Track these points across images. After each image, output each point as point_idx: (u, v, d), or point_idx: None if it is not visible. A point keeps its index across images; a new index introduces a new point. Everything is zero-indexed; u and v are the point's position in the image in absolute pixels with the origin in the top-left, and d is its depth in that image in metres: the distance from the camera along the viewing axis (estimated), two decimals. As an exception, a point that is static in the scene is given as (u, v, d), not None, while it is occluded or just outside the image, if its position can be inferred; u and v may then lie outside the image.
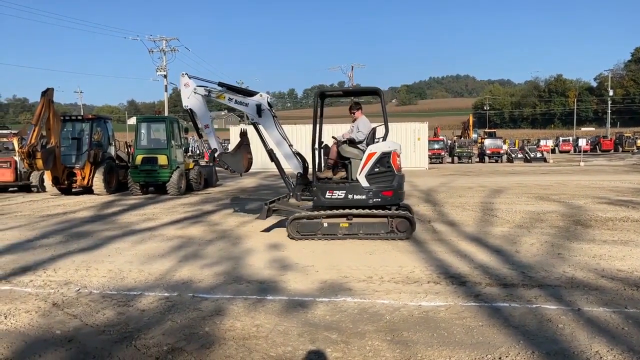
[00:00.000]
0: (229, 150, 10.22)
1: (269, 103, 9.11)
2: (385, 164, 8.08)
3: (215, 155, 9.60)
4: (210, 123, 9.87)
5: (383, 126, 8.22)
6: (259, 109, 8.98)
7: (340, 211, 8.03)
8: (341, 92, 10.03)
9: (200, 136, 9.95)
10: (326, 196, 8.18)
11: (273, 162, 9.24)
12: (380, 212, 8.03)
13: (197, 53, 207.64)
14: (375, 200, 8.08)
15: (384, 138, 8.22)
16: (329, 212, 8.12)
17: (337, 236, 8.01)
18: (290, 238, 8.12)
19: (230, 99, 9.30)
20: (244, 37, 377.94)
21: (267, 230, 9.24)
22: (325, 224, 8.07)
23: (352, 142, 8.53)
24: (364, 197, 8.07)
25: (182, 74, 9.42)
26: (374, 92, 8.85)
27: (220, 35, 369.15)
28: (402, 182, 8.25)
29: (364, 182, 8.09)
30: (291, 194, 9.00)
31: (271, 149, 9.21)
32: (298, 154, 9.02)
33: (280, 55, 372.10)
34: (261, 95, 9.15)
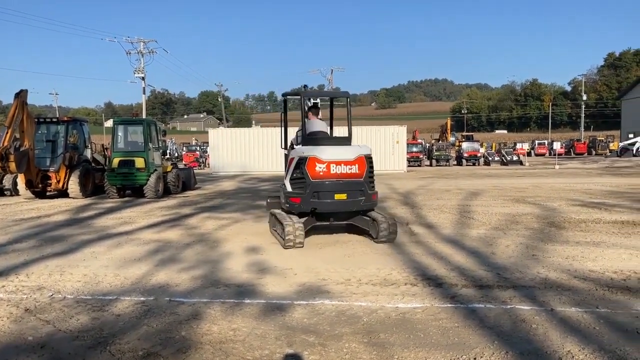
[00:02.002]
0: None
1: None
2: (301, 170, 7.79)
3: None
4: None
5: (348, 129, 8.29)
6: None
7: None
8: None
9: None
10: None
11: None
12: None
13: (176, 55, 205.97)
14: (286, 205, 8.13)
15: (348, 140, 8.23)
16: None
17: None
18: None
19: None
20: (223, 39, 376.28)
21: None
22: None
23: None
24: (284, 201, 8.20)
25: None
26: (342, 95, 8.90)
27: (199, 37, 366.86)
28: (318, 190, 7.68)
29: (288, 187, 8.13)
30: None
31: None
32: None
33: (260, 58, 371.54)
34: None
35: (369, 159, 8.00)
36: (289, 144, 8.74)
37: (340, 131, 10.14)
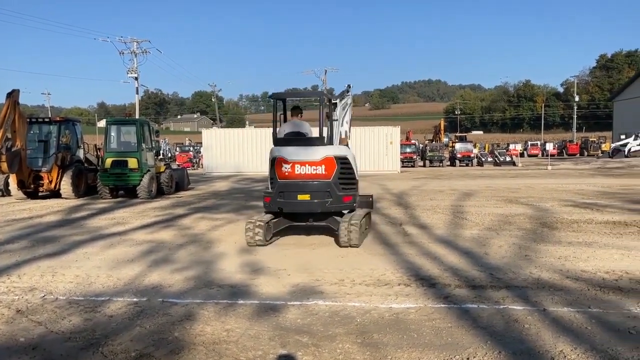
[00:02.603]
0: None
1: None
2: (272, 169, 8.02)
3: None
4: None
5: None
6: None
7: None
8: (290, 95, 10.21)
9: None
10: None
11: None
12: None
13: (169, 55, 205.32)
14: (264, 205, 8.28)
15: (320, 141, 8.08)
16: None
17: None
18: None
19: None
20: (217, 39, 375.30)
21: None
22: None
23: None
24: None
25: None
26: (316, 95, 9.02)
27: (192, 37, 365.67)
28: (284, 190, 7.80)
29: (269, 187, 8.24)
30: None
31: None
32: None
33: (254, 59, 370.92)
34: None
35: (340, 160, 7.82)
36: None
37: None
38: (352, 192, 8.10)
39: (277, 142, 8.15)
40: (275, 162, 7.92)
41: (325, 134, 7.94)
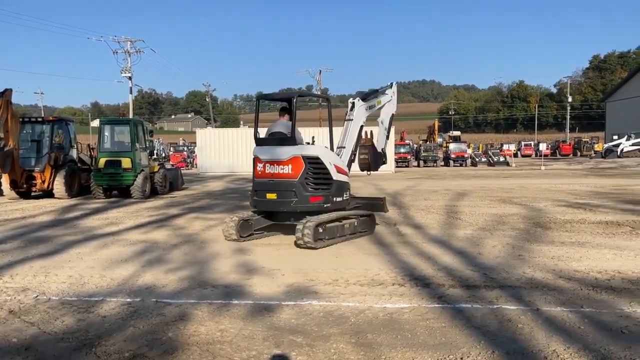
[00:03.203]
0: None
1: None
2: (253, 169, 8.32)
3: None
4: None
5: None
6: None
7: None
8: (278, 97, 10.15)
9: None
10: None
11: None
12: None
13: (163, 55, 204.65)
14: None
15: (291, 141, 8.05)
16: None
17: None
18: None
19: None
20: (211, 39, 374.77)
21: None
22: None
23: None
24: None
25: None
26: (290, 96, 8.74)
27: (186, 37, 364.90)
28: (257, 188, 8.09)
29: None
30: None
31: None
32: None
33: (249, 58, 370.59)
34: None
35: (308, 159, 7.76)
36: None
37: (316, 132, 10.26)
38: (323, 193, 7.92)
39: (256, 141, 8.41)
40: (253, 161, 8.26)
41: (296, 134, 7.98)
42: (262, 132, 8.89)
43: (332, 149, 8.46)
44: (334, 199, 8.09)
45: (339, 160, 8.44)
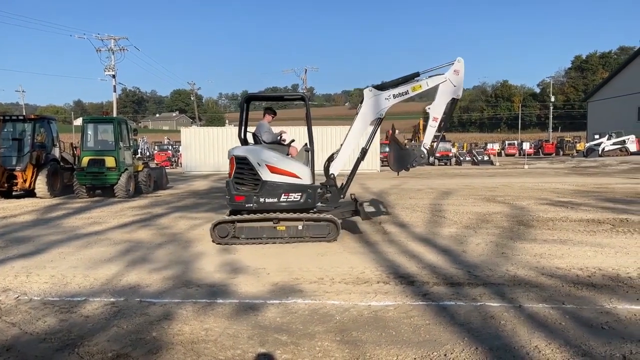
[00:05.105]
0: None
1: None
2: None
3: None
4: None
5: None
6: None
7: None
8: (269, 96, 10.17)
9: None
10: None
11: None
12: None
13: (148, 53, 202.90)
14: None
15: (309, 145, 8.19)
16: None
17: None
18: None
19: None
20: (196, 37, 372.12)
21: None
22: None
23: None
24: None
25: None
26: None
27: (171, 35, 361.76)
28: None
29: None
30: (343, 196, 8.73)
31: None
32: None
33: (234, 57, 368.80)
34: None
35: (239, 159, 7.94)
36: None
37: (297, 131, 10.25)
38: (246, 193, 7.92)
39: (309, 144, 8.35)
40: None
41: (242, 135, 8.57)
42: (250, 131, 8.87)
43: (311, 148, 8.21)
44: (257, 199, 7.91)
45: (281, 161, 8.02)
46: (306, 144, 8.38)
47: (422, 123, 57.42)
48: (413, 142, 51.01)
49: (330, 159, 8.62)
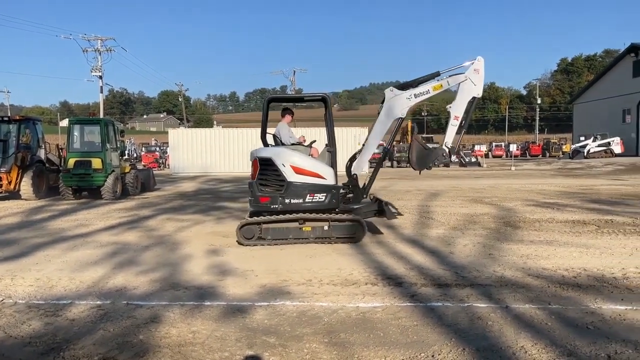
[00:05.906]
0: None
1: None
2: None
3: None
4: None
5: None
6: None
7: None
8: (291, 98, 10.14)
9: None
10: None
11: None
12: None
13: (135, 54, 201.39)
14: None
15: (331, 146, 8.21)
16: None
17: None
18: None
19: None
20: (184, 38, 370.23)
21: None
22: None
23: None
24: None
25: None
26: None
27: (158, 36, 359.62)
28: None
29: None
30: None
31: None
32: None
33: (222, 58, 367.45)
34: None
35: (263, 160, 7.95)
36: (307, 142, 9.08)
37: (312, 133, 10.31)
38: (271, 194, 7.90)
39: (330, 145, 8.36)
40: None
41: (266, 137, 8.57)
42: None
43: (334, 149, 8.21)
44: (283, 200, 7.90)
45: (306, 162, 8.06)
46: (327, 145, 8.36)
47: (410, 125, 57.68)
48: (401, 143, 51.27)
49: (352, 159, 8.71)
